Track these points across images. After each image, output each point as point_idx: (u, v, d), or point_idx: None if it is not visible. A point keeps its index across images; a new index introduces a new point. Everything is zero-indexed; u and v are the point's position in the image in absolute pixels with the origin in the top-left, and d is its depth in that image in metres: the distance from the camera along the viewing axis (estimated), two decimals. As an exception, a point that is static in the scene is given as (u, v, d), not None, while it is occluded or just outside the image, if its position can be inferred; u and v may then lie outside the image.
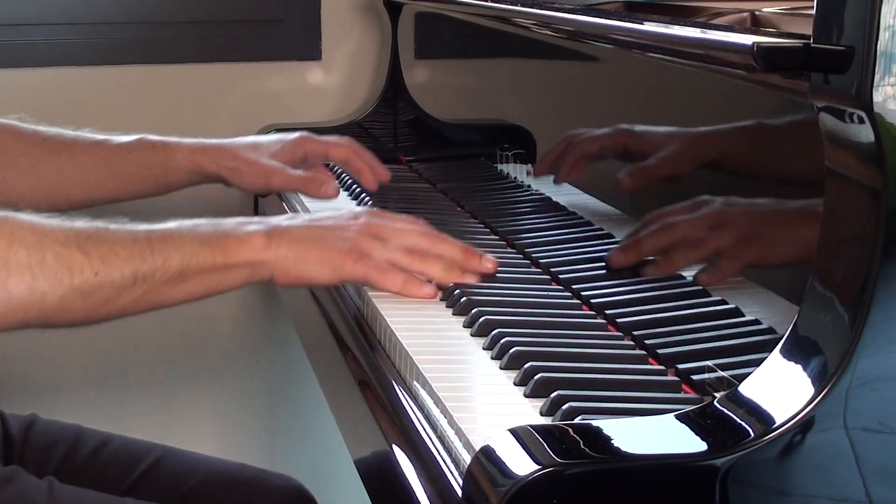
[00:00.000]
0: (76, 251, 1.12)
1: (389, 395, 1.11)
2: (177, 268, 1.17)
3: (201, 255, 1.18)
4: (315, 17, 2.20)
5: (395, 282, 1.25)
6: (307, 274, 1.23)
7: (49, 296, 1.11)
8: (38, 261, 1.11)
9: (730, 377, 0.99)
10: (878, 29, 0.83)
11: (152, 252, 1.16)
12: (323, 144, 1.60)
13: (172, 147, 1.56)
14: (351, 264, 1.24)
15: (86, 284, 1.13)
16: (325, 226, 1.26)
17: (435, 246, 1.29)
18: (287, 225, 1.25)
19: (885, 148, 0.84)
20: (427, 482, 0.95)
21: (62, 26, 2.12)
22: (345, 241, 1.24)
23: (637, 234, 1.24)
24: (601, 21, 1.30)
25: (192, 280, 1.19)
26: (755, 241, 1.06)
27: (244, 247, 1.21)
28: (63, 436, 1.50)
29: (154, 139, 1.57)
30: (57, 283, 1.11)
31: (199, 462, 1.52)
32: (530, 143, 1.62)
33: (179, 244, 1.18)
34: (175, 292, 1.19)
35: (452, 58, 1.93)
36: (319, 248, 1.23)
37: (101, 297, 1.14)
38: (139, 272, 1.15)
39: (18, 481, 1.31)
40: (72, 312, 1.14)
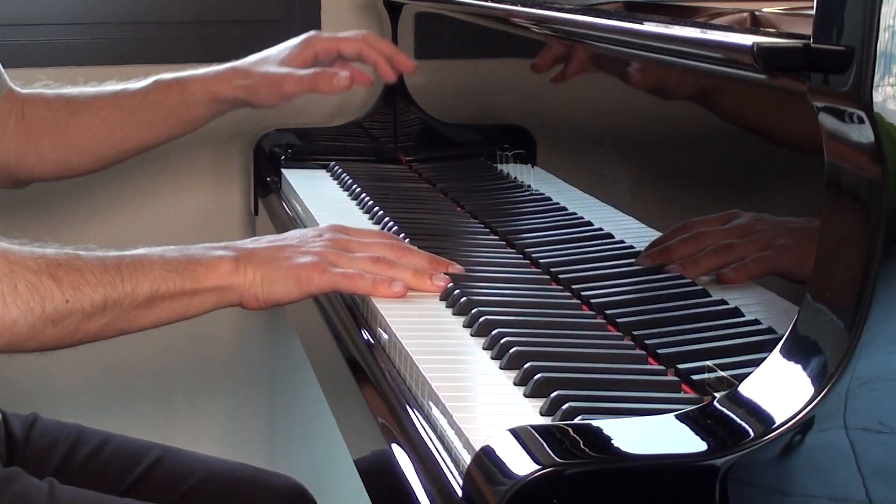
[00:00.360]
0: (48, 279, 1.14)
1: (389, 394, 1.11)
2: (146, 294, 1.18)
3: (170, 280, 1.19)
4: (315, 17, 2.20)
5: (363, 285, 1.25)
6: (274, 294, 1.23)
7: (20, 324, 1.13)
8: (10, 289, 1.12)
9: (730, 377, 0.99)
10: (877, 29, 0.83)
11: (122, 279, 1.17)
12: (333, 41, 1.57)
13: (187, 81, 1.58)
14: (318, 276, 1.23)
15: (56, 312, 1.14)
16: (290, 245, 1.27)
17: (402, 257, 1.29)
18: (252, 248, 1.26)
19: (885, 148, 0.84)
20: (427, 482, 0.95)
21: (62, 26, 2.12)
22: (310, 256, 1.25)
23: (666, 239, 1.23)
24: (601, 21, 1.30)
25: (161, 306, 1.20)
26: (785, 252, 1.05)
27: (212, 272, 1.21)
28: (63, 435, 1.51)
29: (168, 77, 1.59)
30: (28, 311, 1.12)
31: (199, 462, 1.52)
32: (530, 143, 1.62)
33: (149, 271, 1.19)
34: (143, 318, 1.20)
35: (452, 58, 1.93)
36: (284, 266, 1.23)
37: (71, 324, 1.15)
38: (109, 299, 1.16)
39: (19, 483, 1.31)
40: (41, 339, 1.15)
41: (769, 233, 1.07)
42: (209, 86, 1.57)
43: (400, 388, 1.10)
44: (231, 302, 1.23)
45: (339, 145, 2.09)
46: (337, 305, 1.35)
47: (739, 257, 1.11)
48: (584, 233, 1.40)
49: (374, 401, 1.12)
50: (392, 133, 2.10)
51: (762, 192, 1.09)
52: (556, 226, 1.45)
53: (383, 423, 1.07)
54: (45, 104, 1.59)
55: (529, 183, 1.61)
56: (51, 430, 1.51)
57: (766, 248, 1.07)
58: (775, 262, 1.06)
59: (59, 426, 1.53)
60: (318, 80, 1.55)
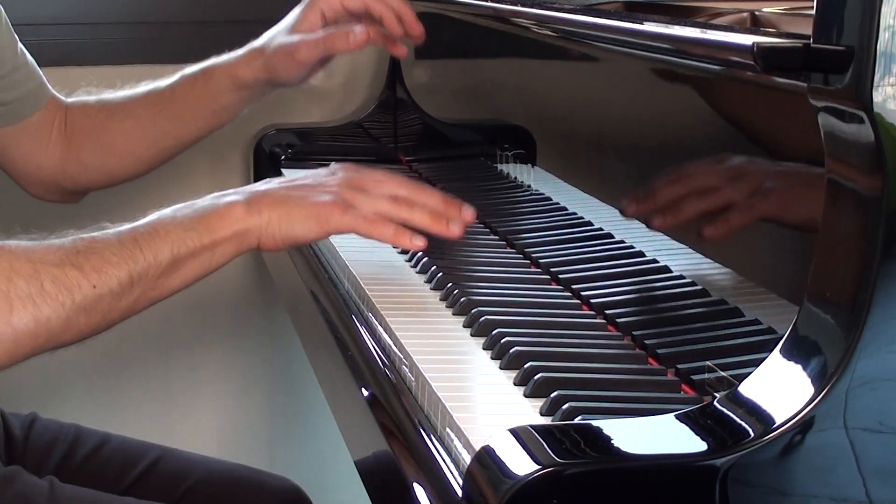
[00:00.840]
0: (71, 269, 1.14)
1: (389, 395, 1.11)
2: (168, 259, 1.18)
3: (188, 239, 1.19)
4: (315, 17, 2.20)
5: (385, 232, 1.24)
6: (293, 232, 1.22)
7: (54, 320, 1.12)
8: (37, 290, 1.12)
9: (730, 377, 0.99)
10: (877, 29, 0.83)
11: (142, 250, 1.17)
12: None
13: (210, 71, 1.56)
14: (338, 215, 1.22)
15: (86, 300, 1.14)
16: (305, 184, 1.26)
17: (417, 194, 1.28)
18: (265, 189, 1.25)
19: (885, 148, 0.83)
20: (427, 482, 0.95)
21: (62, 26, 2.12)
22: (328, 195, 1.23)
23: (651, 185, 1.22)
24: (601, 21, 1.30)
25: (184, 266, 1.19)
26: (770, 194, 1.05)
27: (226, 220, 1.21)
28: (62, 435, 1.51)
29: (193, 69, 1.57)
30: (59, 306, 1.12)
31: (197, 462, 1.52)
32: (530, 143, 1.62)
33: (165, 236, 1.18)
34: (170, 282, 1.20)
35: (452, 58, 1.93)
36: (302, 205, 1.22)
37: (103, 306, 1.15)
38: (134, 273, 1.16)
39: (19, 481, 1.31)
40: (77, 329, 1.15)
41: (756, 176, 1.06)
42: (229, 71, 1.55)
43: (400, 389, 1.10)
44: (250, 245, 1.22)
45: (339, 145, 2.09)
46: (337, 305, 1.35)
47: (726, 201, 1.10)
48: (584, 233, 1.40)
49: (375, 401, 1.12)
50: (392, 133, 2.10)
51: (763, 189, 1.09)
52: (556, 226, 1.45)
53: (383, 424, 1.07)
54: (84, 111, 1.57)
55: (529, 183, 1.61)
56: (50, 429, 1.51)
57: (752, 194, 1.07)
58: (761, 207, 1.05)
59: (58, 426, 1.53)
60: (332, 40, 1.49)
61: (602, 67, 1.41)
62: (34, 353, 1.14)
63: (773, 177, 1.05)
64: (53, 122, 1.56)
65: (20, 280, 1.11)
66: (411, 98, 2.05)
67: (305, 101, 2.22)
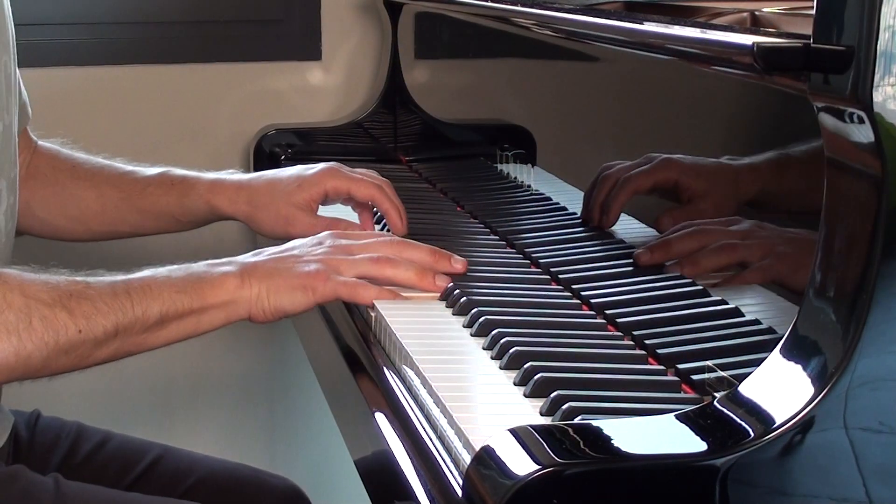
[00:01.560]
0: (61, 311, 1.16)
1: (389, 394, 1.11)
2: (155, 317, 1.20)
3: (178, 301, 1.20)
4: (315, 17, 2.20)
5: (367, 294, 1.25)
6: (281, 304, 1.23)
7: (34, 357, 1.15)
8: (25, 325, 1.14)
9: (730, 377, 0.99)
10: (878, 29, 0.83)
11: (132, 304, 1.19)
12: (346, 181, 1.47)
13: (190, 183, 1.51)
14: (321, 284, 1.23)
15: (69, 343, 1.16)
16: (292, 255, 1.27)
17: (402, 252, 1.29)
18: (255, 261, 1.26)
19: (885, 148, 0.84)
20: (427, 482, 0.95)
21: (62, 26, 2.12)
22: (314, 264, 1.25)
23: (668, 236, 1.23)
24: (601, 21, 1.30)
25: (170, 326, 1.21)
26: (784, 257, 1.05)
27: (218, 290, 1.22)
28: (64, 433, 1.51)
29: (175, 174, 1.52)
30: (43, 345, 1.15)
31: (198, 461, 1.52)
32: (530, 143, 1.62)
33: (157, 294, 1.20)
34: (153, 339, 1.22)
35: (452, 58, 1.93)
36: (288, 277, 1.24)
37: (83, 352, 1.17)
38: (120, 325, 1.18)
39: (24, 479, 1.31)
40: (53, 368, 1.17)
41: (769, 239, 1.07)
42: (211, 198, 1.50)
43: (400, 388, 1.10)
44: (239, 316, 1.24)
45: (339, 145, 2.09)
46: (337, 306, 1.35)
47: (740, 259, 1.11)
48: (584, 233, 1.40)
49: (374, 401, 1.12)
50: (392, 133, 2.11)
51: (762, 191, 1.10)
52: (556, 226, 1.45)
53: (383, 423, 1.07)
54: (51, 161, 1.54)
55: (529, 183, 1.61)
56: (52, 427, 1.52)
57: (766, 256, 1.07)
58: (775, 270, 1.06)
59: (60, 424, 1.53)
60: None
61: (602, 67, 1.41)
62: (5, 381, 1.18)
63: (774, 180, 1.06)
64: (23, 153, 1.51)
65: (11, 313, 1.13)
66: (411, 98, 2.05)
67: (305, 101, 2.22)
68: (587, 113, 1.47)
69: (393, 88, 2.07)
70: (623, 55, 1.31)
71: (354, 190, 1.46)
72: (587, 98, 1.46)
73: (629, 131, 1.36)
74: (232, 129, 2.18)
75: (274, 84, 2.21)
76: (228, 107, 2.19)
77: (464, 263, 1.31)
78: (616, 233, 1.35)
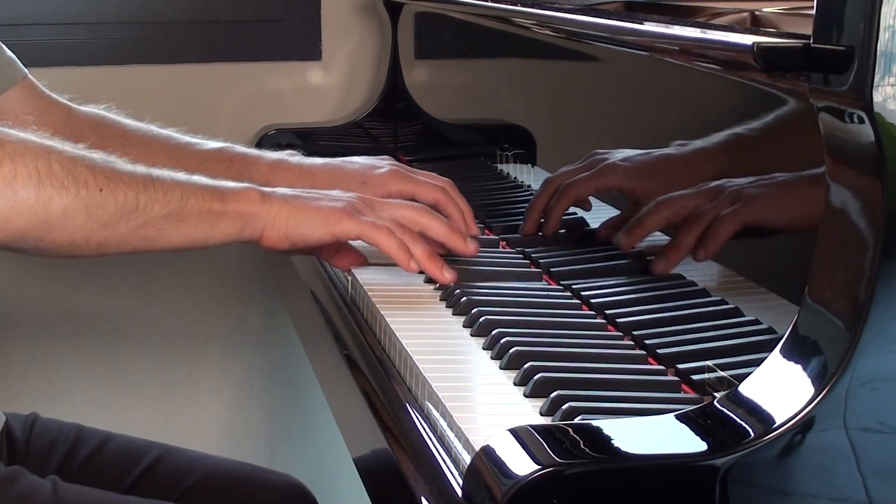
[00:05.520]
0: (82, 166, 1.14)
1: (389, 394, 1.11)
2: (176, 203, 1.18)
3: (199, 195, 1.20)
4: (315, 17, 2.20)
5: (390, 243, 1.25)
6: (299, 229, 1.24)
7: (54, 202, 1.11)
8: (45, 166, 1.11)
9: (730, 377, 0.99)
10: (878, 29, 0.83)
11: (154, 184, 1.18)
12: (410, 184, 1.45)
13: (251, 161, 1.50)
14: (347, 220, 1.24)
15: (90, 198, 1.13)
16: (315, 194, 1.28)
17: (423, 218, 1.30)
18: (280, 188, 1.28)
19: (885, 148, 0.84)
20: (427, 482, 0.95)
21: (62, 26, 2.12)
22: (339, 202, 1.26)
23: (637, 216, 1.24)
24: (601, 21, 1.30)
25: (189, 219, 1.20)
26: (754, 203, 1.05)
27: (239, 197, 1.23)
28: (63, 435, 1.51)
29: (236, 151, 1.51)
30: (63, 190, 1.12)
31: (199, 460, 1.52)
32: (530, 143, 1.62)
33: (179, 183, 1.20)
34: (170, 231, 1.19)
35: (452, 58, 1.93)
36: (312, 206, 1.25)
37: (104, 216, 1.14)
38: (141, 199, 1.16)
39: (22, 481, 1.31)
40: (72, 228, 1.13)
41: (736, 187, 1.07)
42: (269, 178, 1.47)
43: (400, 388, 1.10)
44: (253, 231, 1.23)
45: (339, 145, 2.09)
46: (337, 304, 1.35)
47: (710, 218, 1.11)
48: (583, 233, 1.40)
49: (374, 400, 1.12)
50: (392, 133, 2.11)
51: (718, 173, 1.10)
52: (556, 226, 1.45)
53: (383, 423, 1.07)
54: (96, 126, 1.52)
55: (529, 183, 1.61)
56: (50, 429, 1.51)
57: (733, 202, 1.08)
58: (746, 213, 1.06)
59: (59, 426, 1.52)
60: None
61: (602, 67, 1.41)
62: (25, 235, 1.12)
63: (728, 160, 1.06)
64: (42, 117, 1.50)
65: (29, 155, 1.11)
66: (411, 98, 2.05)
67: (305, 101, 2.22)
68: (587, 113, 1.47)
69: (393, 88, 2.07)
70: (623, 55, 1.31)
71: (419, 193, 1.45)
72: (587, 98, 1.46)
73: (629, 131, 1.36)
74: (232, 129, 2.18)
75: (274, 84, 2.21)
76: (228, 107, 2.19)
77: (476, 246, 1.33)
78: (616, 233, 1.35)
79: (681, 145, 1.20)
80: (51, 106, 1.52)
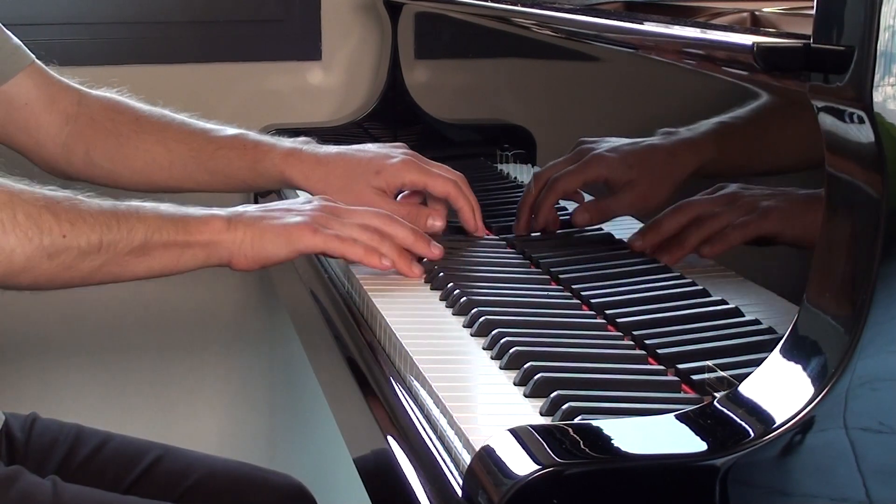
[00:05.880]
0: (46, 213, 1.17)
1: (389, 394, 1.11)
2: (140, 240, 1.21)
3: (164, 229, 1.22)
4: (315, 17, 2.20)
5: (355, 251, 1.28)
6: (263, 252, 1.26)
7: (17, 252, 1.15)
8: (9, 217, 1.14)
9: (730, 377, 0.99)
10: (878, 29, 0.83)
11: (118, 222, 1.20)
12: (423, 176, 1.45)
13: (265, 149, 1.50)
14: (309, 235, 1.26)
15: (53, 246, 1.16)
16: (281, 208, 1.30)
17: (388, 225, 1.31)
18: (242, 210, 1.29)
19: (885, 148, 0.84)
20: (427, 482, 0.95)
21: (62, 26, 2.12)
22: (301, 217, 1.27)
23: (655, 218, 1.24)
24: (601, 21, 1.30)
25: (153, 254, 1.22)
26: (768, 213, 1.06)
27: (204, 227, 1.24)
28: (63, 435, 1.51)
29: (250, 139, 1.51)
30: (26, 240, 1.15)
31: (199, 460, 1.52)
32: (530, 143, 1.62)
33: (144, 218, 1.22)
34: (135, 265, 1.22)
35: (452, 58, 1.93)
36: (274, 225, 1.26)
37: (66, 260, 1.18)
38: (104, 240, 1.19)
39: (22, 481, 1.31)
40: (36, 273, 1.17)
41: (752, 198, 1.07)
42: (283, 168, 1.48)
43: (400, 388, 1.10)
44: (220, 259, 1.26)
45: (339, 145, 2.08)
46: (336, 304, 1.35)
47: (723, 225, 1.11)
48: (584, 233, 1.40)
49: (374, 400, 1.12)
50: (392, 133, 2.10)
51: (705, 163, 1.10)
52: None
53: (383, 423, 1.07)
54: (112, 112, 1.53)
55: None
56: (50, 430, 1.51)
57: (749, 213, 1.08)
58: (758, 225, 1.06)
59: (59, 426, 1.53)
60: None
61: (602, 67, 1.41)
62: None
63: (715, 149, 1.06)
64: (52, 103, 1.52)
65: None
66: (411, 98, 2.05)
67: (305, 101, 2.22)
68: (587, 113, 1.47)
69: (393, 88, 2.07)
70: (623, 55, 1.31)
71: (431, 185, 1.45)
72: (587, 98, 1.46)
73: (629, 131, 1.36)
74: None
75: (274, 84, 2.21)
76: (228, 107, 2.19)
77: (441, 250, 1.34)
78: (616, 233, 1.35)
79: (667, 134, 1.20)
80: (61, 91, 1.53)
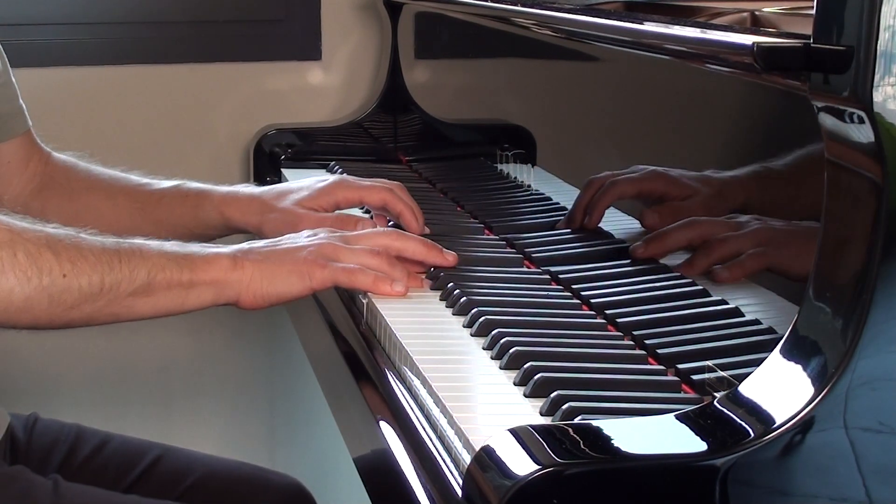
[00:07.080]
0: (47, 252, 1.14)
1: (389, 394, 1.11)
2: (143, 280, 1.19)
3: (167, 269, 1.20)
4: (315, 17, 2.20)
5: (364, 280, 1.26)
6: (275, 289, 1.23)
7: (16, 293, 1.13)
8: (9, 257, 1.12)
9: (730, 377, 0.99)
10: (878, 29, 0.83)
11: (120, 262, 1.18)
12: (356, 190, 1.48)
13: (204, 195, 1.52)
14: (319, 271, 1.24)
15: (53, 286, 1.14)
16: (288, 244, 1.28)
17: (397, 241, 1.31)
18: (249, 246, 1.27)
19: (885, 148, 0.84)
20: (427, 482, 0.95)
21: (62, 26, 2.12)
22: (309, 252, 1.25)
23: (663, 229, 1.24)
24: (601, 21, 1.30)
25: (157, 294, 1.20)
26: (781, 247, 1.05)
27: (210, 266, 1.22)
28: (63, 435, 1.51)
29: (189, 187, 1.53)
30: (26, 280, 1.13)
31: (199, 460, 1.52)
32: (530, 143, 1.62)
33: (147, 257, 1.20)
34: (138, 306, 1.20)
35: (452, 58, 1.93)
36: (284, 262, 1.24)
37: (67, 301, 1.16)
38: (106, 280, 1.17)
39: (23, 480, 1.31)
40: (35, 313, 1.15)
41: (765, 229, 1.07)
42: (223, 210, 1.51)
43: (400, 388, 1.10)
44: (228, 298, 1.24)
45: (339, 145, 2.09)
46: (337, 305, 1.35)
47: (734, 252, 1.11)
48: (583, 232, 1.40)
49: (374, 400, 1.12)
50: (392, 133, 2.11)
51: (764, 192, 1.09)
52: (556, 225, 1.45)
53: (383, 423, 1.07)
54: (67, 172, 1.55)
55: (529, 183, 1.61)
56: (51, 429, 1.51)
57: (761, 244, 1.08)
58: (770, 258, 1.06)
59: (59, 426, 1.53)
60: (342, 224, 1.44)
61: (602, 67, 1.41)
62: None
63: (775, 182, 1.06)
64: (27, 163, 1.53)
65: None
66: (411, 98, 2.05)
67: (305, 101, 2.22)
68: (587, 113, 1.47)
69: (393, 88, 2.07)
70: (623, 55, 1.31)
71: (366, 197, 1.47)
72: (587, 98, 1.46)
73: (629, 131, 1.36)
74: (232, 129, 2.18)
75: (274, 84, 2.21)
76: (228, 107, 2.19)
77: (455, 256, 1.33)
78: (616, 233, 1.35)
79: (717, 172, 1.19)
80: (36, 153, 1.56)
